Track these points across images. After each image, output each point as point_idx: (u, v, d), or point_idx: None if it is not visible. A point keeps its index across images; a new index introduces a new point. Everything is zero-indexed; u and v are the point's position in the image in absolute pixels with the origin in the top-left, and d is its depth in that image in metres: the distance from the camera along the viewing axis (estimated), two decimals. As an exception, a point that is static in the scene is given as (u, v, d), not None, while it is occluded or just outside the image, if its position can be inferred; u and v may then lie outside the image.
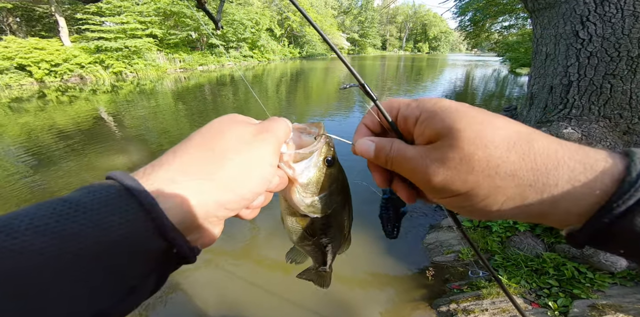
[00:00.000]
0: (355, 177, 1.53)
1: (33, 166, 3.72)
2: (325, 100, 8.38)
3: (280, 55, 27.94)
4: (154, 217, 0.18)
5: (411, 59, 33.25)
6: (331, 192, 0.31)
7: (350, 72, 0.31)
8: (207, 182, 0.21)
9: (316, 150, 0.29)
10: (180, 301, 1.69)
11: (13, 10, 14.44)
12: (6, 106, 7.44)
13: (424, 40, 61.88)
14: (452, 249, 1.97)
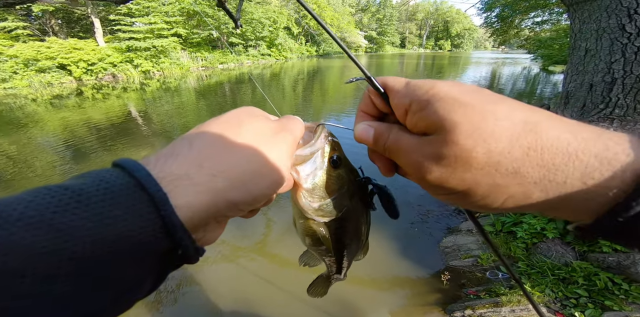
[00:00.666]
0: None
1: (69, 156, 4.10)
2: (342, 98, 8.36)
3: (298, 53, 28.14)
4: (164, 215, 0.16)
5: (432, 57, 32.07)
6: (341, 195, 0.29)
7: (357, 65, 0.29)
8: (223, 180, 0.19)
9: (316, 150, 0.27)
10: (195, 294, 1.75)
11: (55, 13, 15.72)
12: (48, 103, 8.17)
13: (446, 38, 59.39)
14: (471, 254, 1.92)
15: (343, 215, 0.30)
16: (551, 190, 0.16)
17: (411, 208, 2.57)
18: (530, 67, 16.57)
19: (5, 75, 10.70)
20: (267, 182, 0.21)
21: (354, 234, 0.34)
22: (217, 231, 0.22)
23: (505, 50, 57.19)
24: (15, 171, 3.58)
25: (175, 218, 0.16)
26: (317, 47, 33.08)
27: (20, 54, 11.16)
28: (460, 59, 28.18)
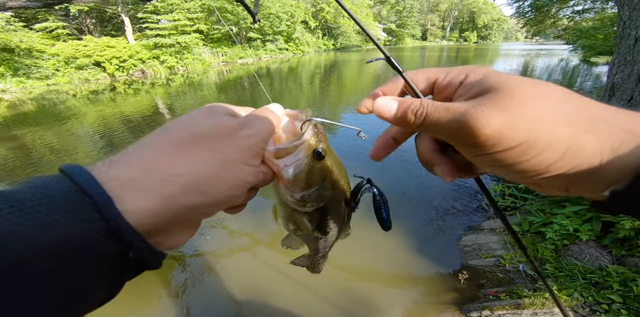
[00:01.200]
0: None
1: (104, 147, 4.46)
2: (360, 91, 8.24)
3: (315, 47, 27.88)
4: (108, 218, 0.15)
5: (455, 49, 30.29)
6: (323, 186, 0.28)
7: (376, 45, 0.29)
8: (175, 185, 0.18)
9: (300, 144, 0.26)
10: (212, 282, 1.81)
11: (90, 13, 16.79)
12: (86, 98, 8.85)
13: (472, 29, 55.60)
14: (492, 254, 1.87)
15: (325, 204, 0.30)
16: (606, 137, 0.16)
17: (430, 205, 2.53)
18: (568, 59, 15.15)
19: (49, 73, 11.73)
20: (227, 185, 0.20)
21: (335, 221, 0.34)
22: (185, 233, 0.21)
23: (540, 41, 52.55)
24: (57, 161, 3.97)
25: (121, 221, 0.16)
26: (335, 40, 32.51)
27: (61, 53, 12.14)
28: (487, 51, 26.34)
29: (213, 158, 0.20)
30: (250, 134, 0.22)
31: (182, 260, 2.01)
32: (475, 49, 29.14)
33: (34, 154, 4.27)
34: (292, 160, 0.26)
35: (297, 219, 0.32)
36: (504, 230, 1.93)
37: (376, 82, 9.59)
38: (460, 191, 2.73)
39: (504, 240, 1.94)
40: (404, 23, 44.00)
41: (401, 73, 0.24)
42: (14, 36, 10.84)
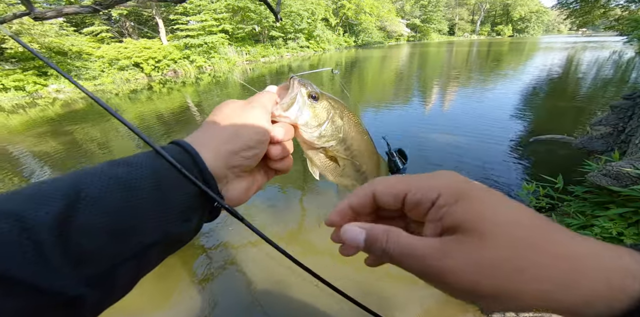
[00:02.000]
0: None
1: (142, 144, 4.82)
2: (381, 89, 8.05)
3: (335, 44, 27.63)
4: (198, 162, 0.26)
5: (487, 43, 28.26)
6: (332, 119, 0.35)
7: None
8: (218, 138, 0.28)
9: (294, 94, 0.33)
10: (233, 272, 1.90)
11: (129, 16, 18.13)
12: (127, 96, 9.65)
13: (506, 22, 51.40)
14: None
15: (344, 135, 0.36)
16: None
17: None
18: (622, 51, 13.58)
19: (95, 74, 12.91)
20: (250, 132, 0.29)
21: (362, 150, 0.39)
22: (239, 185, 0.30)
23: (587, 33, 47.15)
24: (104, 155, 4.39)
25: (203, 165, 0.26)
26: (356, 37, 31.95)
27: (106, 55, 13.28)
28: (524, 44, 24.18)
29: (235, 121, 0.30)
30: (254, 104, 0.32)
31: (207, 251, 2.13)
32: (510, 43, 26.88)
33: (82, 147, 4.76)
34: (296, 108, 0.33)
35: (331, 158, 0.37)
36: None
37: (398, 79, 9.31)
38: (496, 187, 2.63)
39: None
40: (429, 18, 41.98)
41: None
42: (66, 40, 12.07)
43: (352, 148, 0.38)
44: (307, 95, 0.33)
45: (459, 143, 3.69)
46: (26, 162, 4.34)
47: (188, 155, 0.26)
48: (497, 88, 6.94)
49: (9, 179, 3.70)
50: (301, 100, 0.33)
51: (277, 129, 0.32)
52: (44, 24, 11.07)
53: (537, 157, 3.23)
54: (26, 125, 6.70)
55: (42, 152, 4.64)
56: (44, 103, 9.70)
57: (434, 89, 7.32)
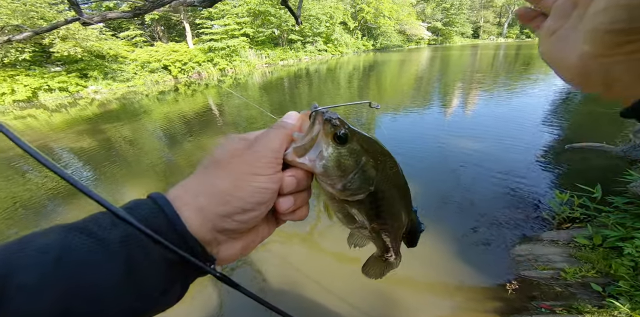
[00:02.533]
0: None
1: (165, 140, 5.09)
2: (400, 92, 7.90)
3: (353, 48, 27.63)
4: (176, 225, 0.22)
5: (515, 46, 26.83)
6: (362, 169, 0.26)
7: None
8: (203, 198, 0.23)
9: (315, 133, 0.25)
10: (248, 271, 1.93)
11: (159, 21, 19.34)
12: (155, 98, 10.25)
13: (536, 23, 48.64)
14: (552, 266, 1.71)
15: (375, 188, 0.27)
16: None
17: (476, 211, 2.34)
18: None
19: (129, 76, 13.89)
20: (246, 193, 0.23)
21: (393, 207, 0.30)
22: (234, 244, 0.25)
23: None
24: (133, 152, 4.67)
25: (187, 232, 0.22)
26: (374, 41, 31.75)
27: (138, 58, 14.25)
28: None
29: (228, 174, 0.24)
30: (256, 149, 0.25)
31: None
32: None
33: (114, 144, 5.11)
34: (315, 153, 0.26)
35: (352, 212, 0.29)
36: (569, 242, 1.81)
37: (418, 83, 9.10)
38: (514, 198, 2.48)
39: (568, 253, 1.77)
40: (451, 21, 40.79)
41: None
42: (104, 44, 13.11)
43: (382, 205, 0.29)
44: (332, 136, 0.26)
45: (482, 149, 3.54)
46: (64, 157, 4.75)
47: (163, 216, 0.21)
48: (526, 93, 6.58)
49: (48, 175, 4.06)
50: (323, 143, 0.26)
51: (287, 179, 0.25)
52: (86, 29, 12.10)
53: (572, 165, 3.02)
54: (67, 123, 7.33)
55: (79, 148, 5.05)
56: (83, 103, 10.58)
57: (455, 93, 7.08)
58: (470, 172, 2.99)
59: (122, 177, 3.70)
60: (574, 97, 6.04)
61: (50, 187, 3.50)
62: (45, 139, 5.87)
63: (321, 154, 0.26)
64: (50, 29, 3.44)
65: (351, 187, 0.26)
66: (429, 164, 3.24)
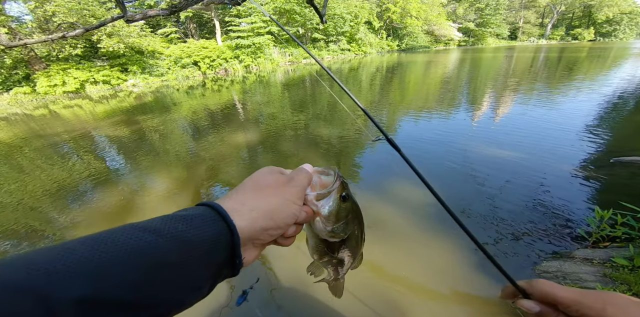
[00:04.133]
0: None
1: (191, 133, 5.34)
2: (424, 97, 7.59)
3: (377, 48, 27.08)
4: (234, 234, 0.26)
5: (559, 49, 24.51)
6: (347, 221, 0.39)
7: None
8: (256, 213, 0.28)
9: (333, 189, 0.36)
10: (258, 265, 1.94)
11: (192, 18, 20.38)
12: (185, 92, 10.83)
13: (587, 25, 44.21)
14: (582, 285, 1.61)
15: (347, 236, 0.40)
16: None
17: (501, 225, 2.20)
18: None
19: (163, 71, 14.84)
20: (284, 215, 0.30)
21: (353, 249, 0.44)
22: (254, 253, 0.30)
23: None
24: (161, 144, 4.96)
25: (237, 237, 0.26)
26: (400, 41, 30.86)
27: (172, 54, 15.16)
28: (610, 50, 20.31)
29: (277, 198, 0.30)
30: (295, 184, 0.33)
31: None
32: (590, 49, 22.98)
33: (146, 134, 5.48)
34: (327, 201, 0.36)
35: (324, 249, 0.42)
36: (606, 262, 1.70)
37: (444, 86, 8.69)
38: (546, 212, 2.30)
39: (602, 272, 1.66)
40: (486, 21, 38.38)
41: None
42: (144, 41, 14.11)
43: (345, 248, 0.44)
44: (340, 194, 0.37)
45: (512, 158, 3.29)
46: (102, 144, 5.20)
47: (225, 226, 0.26)
48: (567, 100, 5.99)
49: (88, 159, 4.46)
50: (334, 197, 0.37)
51: (303, 213, 0.34)
52: (129, 26, 13.09)
53: (617, 181, 2.72)
54: (107, 113, 8.01)
55: (115, 136, 5.50)
56: (122, 95, 11.49)
57: (485, 98, 6.64)
58: (497, 182, 2.81)
59: (150, 164, 3.96)
60: (624, 105, 5.40)
61: (88, 174, 3.84)
62: (88, 127, 6.46)
63: (331, 203, 0.36)
64: (99, 26, 3.76)
65: (337, 230, 0.38)
66: (451, 172, 3.09)
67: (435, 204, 0.48)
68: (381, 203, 2.54)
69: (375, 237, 2.14)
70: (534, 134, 3.98)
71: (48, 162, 4.41)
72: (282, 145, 4.24)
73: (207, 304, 1.70)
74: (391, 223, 2.26)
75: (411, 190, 2.69)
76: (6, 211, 3.01)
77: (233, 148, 4.30)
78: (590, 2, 41.33)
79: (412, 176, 0.46)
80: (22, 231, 2.63)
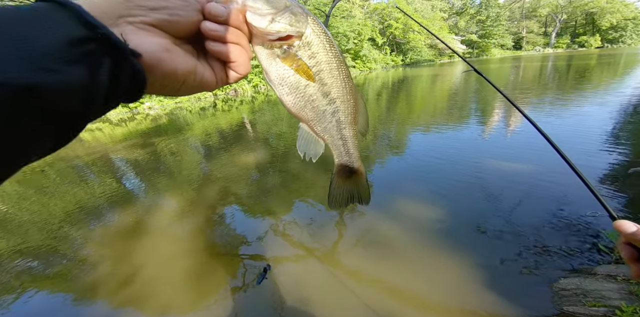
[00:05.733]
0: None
1: (203, 154, 5.47)
2: (431, 109, 7.53)
3: (382, 63, 27.91)
4: (73, 8, 0.17)
5: (566, 57, 24.37)
6: (292, 11, 0.27)
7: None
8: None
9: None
10: (266, 285, 1.93)
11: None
12: (197, 113, 11.38)
13: (592, 33, 44.15)
14: (605, 303, 1.51)
15: (305, 31, 0.28)
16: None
17: (517, 239, 2.11)
18: None
19: (176, 92, 15.79)
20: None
21: (336, 69, 0.30)
22: (151, 38, 0.21)
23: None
24: (175, 164, 5.11)
25: (78, 7, 0.18)
26: (403, 56, 31.77)
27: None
28: (619, 56, 19.94)
29: None
30: None
31: (243, 260, 2.24)
32: (598, 56, 22.64)
33: (160, 156, 5.67)
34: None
35: (294, 70, 0.29)
36: (630, 278, 1.61)
37: (451, 99, 8.62)
38: (564, 227, 2.19)
39: (627, 290, 1.57)
40: (488, 33, 39.19)
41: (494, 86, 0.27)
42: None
43: (319, 59, 0.30)
44: None
45: (526, 172, 3.16)
46: (119, 165, 5.40)
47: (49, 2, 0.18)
48: (580, 109, 5.76)
49: (107, 180, 4.60)
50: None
51: (214, 4, 0.24)
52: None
53: (636, 192, 2.58)
54: (124, 136, 8.44)
55: (132, 158, 5.71)
56: (140, 118, 12.19)
57: (494, 110, 6.50)
58: (513, 196, 2.70)
59: (163, 185, 4.02)
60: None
61: (107, 194, 3.94)
62: (107, 151, 6.79)
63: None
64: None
65: (281, 20, 0.27)
66: (464, 187, 2.97)
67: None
68: (387, 220, 2.51)
69: (381, 253, 2.13)
70: (549, 146, 3.78)
71: (69, 183, 4.61)
72: (290, 164, 4.23)
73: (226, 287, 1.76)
74: (396, 239, 2.25)
75: (416, 206, 2.66)
76: (31, 230, 3.15)
77: (242, 167, 4.34)
78: (591, 9, 41.58)
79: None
80: (43, 249, 2.75)
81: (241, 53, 0.27)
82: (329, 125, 0.34)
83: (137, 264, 2.32)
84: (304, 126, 0.35)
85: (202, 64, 0.26)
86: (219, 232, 2.73)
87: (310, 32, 0.29)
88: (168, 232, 2.78)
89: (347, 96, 0.33)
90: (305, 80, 0.30)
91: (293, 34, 0.28)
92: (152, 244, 2.62)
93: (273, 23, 0.27)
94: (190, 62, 0.25)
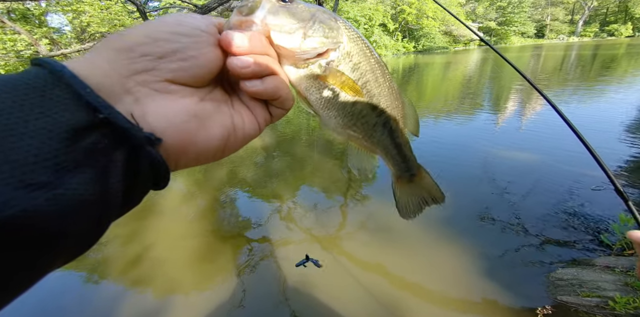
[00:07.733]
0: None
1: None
2: (443, 97, 7.27)
3: (393, 50, 26.79)
4: (68, 83, 0.13)
5: (592, 46, 22.82)
6: (320, 19, 0.24)
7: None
8: (113, 41, 0.17)
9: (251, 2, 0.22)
10: (268, 267, 1.94)
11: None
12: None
13: (623, 21, 40.98)
14: (599, 294, 1.54)
15: (348, 41, 0.25)
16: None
17: (520, 230, 2.13)
18: None
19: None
20: (167, 22, 0.19)
21: (381, 77, 0.27)
22: (172, 103, 0.17)
23: None
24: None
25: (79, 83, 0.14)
26: (416, 42, 30.31)
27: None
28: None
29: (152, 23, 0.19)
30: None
31: (249, 242, 2.27)
32: (628, 45, 21.03)
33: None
34: (261, 11, 0.22)
35: (327, 82, 0.25)
36: (629, 270, 1.63)
37: (464, 88, 8.28)
38: (569, 219, 2.20)
39: (623, 281, 1.58)
40: (508, 20, 36.77)
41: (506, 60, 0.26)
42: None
43: (363, 69, 0.26)
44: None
45: (538, 164, 3.10)
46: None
47: (39, 68, 0.14)
48: (603, 101, 5.49)
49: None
50: (268, 5, 0.22)
51: (230, 32, 0.20)
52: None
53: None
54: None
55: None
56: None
57: (509, 101, 6.24)
58: (520, 187, 2.67)
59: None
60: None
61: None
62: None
63: (270, 10, 0.23)
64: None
65: (313, 34, 0.24)
66: (469, 177, 2.94)
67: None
68: (391, 207, 2.43)
69: (383, 239, 2.14)
70: (562, 138, 3.58)
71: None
72: (297, 149, 4.18)
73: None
74: (399, 226, 2.23)
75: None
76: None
77: (249, 150, 4.33)
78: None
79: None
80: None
81: (282, 85, 0.22)
82: (381, 138, 0.31)
83: (145, 244, 2.35)
84: (353, 143, 0.32)
85: (238, 113, 0.22)
86: (226, 214, 2.76)
87: (346, 39, 0.25)
88: (176, 213, 2.82)
89: (395, 102, 0.30)
90: (352, 96, 0.27)
91: (331, 46, 0.24)
92: (160, 224, 2.65)
93: (306, 39, 0.23)
94: (226, 119, 0.21)
